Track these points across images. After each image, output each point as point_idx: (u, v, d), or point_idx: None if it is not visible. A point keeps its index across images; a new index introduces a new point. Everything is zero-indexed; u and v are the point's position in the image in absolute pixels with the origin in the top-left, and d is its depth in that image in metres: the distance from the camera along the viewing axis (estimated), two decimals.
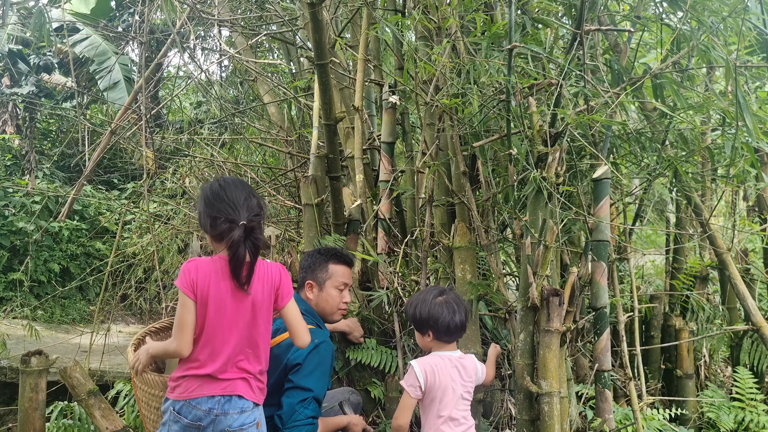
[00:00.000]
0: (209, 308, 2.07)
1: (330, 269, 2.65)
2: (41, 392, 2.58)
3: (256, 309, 2.12)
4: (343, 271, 2.67)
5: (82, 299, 8.66)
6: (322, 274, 2.65)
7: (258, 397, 2.17)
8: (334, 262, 2.66)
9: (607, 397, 2.71)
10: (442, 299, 2.34)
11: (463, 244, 2.73)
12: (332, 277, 2.65)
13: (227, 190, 2.10)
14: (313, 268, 2.67)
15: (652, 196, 3.56)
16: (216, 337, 2.08)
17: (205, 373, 2.07)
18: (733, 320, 4.01)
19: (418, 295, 2.43)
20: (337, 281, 2.64)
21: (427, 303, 2.34)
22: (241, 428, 2.11)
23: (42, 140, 10.97)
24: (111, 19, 10.23)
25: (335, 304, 2.66)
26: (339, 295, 2.66)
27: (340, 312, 2.70)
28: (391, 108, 3.49)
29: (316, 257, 2.69)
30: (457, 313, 2.31)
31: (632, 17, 2.77)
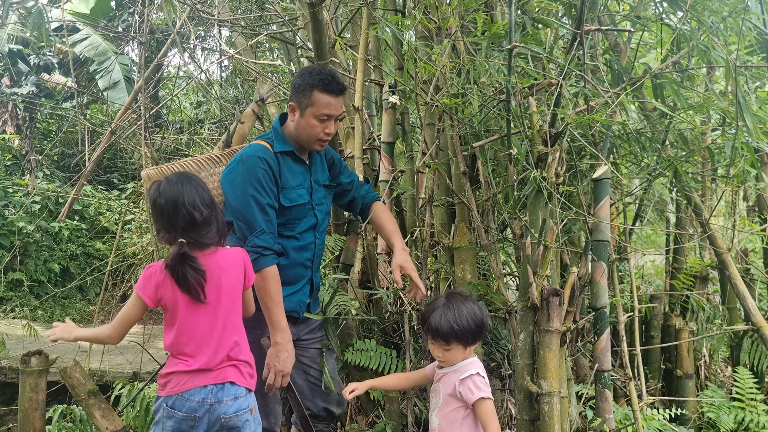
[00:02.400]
0: (180, 309, 2.10)
1: (314, 96, 2.38)
2: (41, 392, 2.58)
3: (232, 296, 2.18)
4: (328, 102, 2.38)
5: (82, 299, 8.66)
6: (305, 100, 2.39)
7: (250, 383, 2.21)
8: (320, 90, 2.37)
9: (607, 397, 2.71)
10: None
11: (463, 244, 2.73)
12: (314, 105, 2.38)
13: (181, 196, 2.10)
14: (298, 90, 2.42)
15: (652, 196, 3.56)
16: (197, 332, 2.11)
17: (196, 368, 2.10)
18: (733, 320, 4.01)
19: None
20: (318, 111, 2.38)
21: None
22: (236, 414, 2.14)
23: (42, 140, 10.96)
24: (111, 19, 10.22)
25: (314, 134, 2.42)
26: (320, 126, 2.41)
27: (319, 143, 2.47)
28: (391, 108, 3.49)
29: (305, 78, 2.41)
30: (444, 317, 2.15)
31: (632, 17, 2.77)
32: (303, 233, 2.52)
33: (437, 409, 2.18)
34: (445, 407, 2.16)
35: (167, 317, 2.15)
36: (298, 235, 2.51)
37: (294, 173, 2.49)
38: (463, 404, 2.12)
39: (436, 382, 2.25)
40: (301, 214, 2.50)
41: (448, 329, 2.10)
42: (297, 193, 2.47)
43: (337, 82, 2.39)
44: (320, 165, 2.63)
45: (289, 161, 2.48)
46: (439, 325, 2.11)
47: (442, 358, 2.18)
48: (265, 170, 2.36)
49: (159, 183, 2.14)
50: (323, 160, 2.66)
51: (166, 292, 2.09)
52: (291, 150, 2.47)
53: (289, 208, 2.45)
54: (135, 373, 5.44)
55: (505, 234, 3.23)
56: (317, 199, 2.57)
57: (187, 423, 2.10)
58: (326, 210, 2.64)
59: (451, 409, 2.15)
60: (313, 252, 2.58)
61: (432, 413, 2.20)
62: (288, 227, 2.49)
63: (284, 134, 2.50)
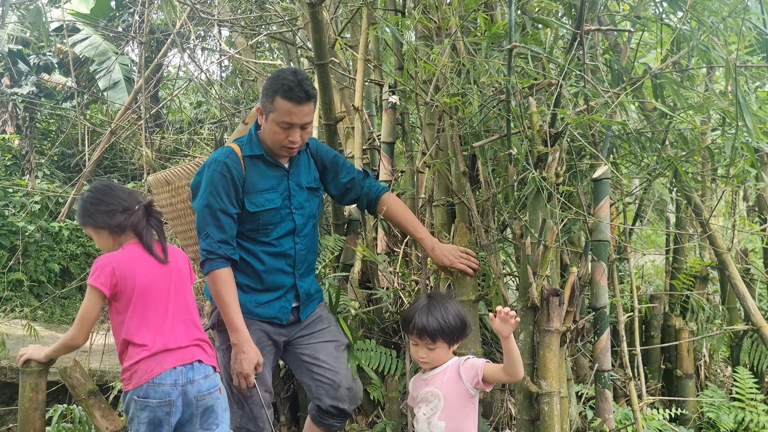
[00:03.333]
0: (135, 293, 2.16)
1: (275, 102, 2.29)
2: (41, 392, 2.58)
3: (182, 278, 2.29)
4: (288, 109, 2.28)
5: (82, 299, 8.65)
6: (269, 105, 2.32)
7: (214, 362, 2.30)
8: (282, 96, 2.27)
9: (607, 397, 2.71)
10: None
11: (463, 244, 2.73)
12: (276, 111, 2.30)
13: (111, 188, 2.26)
14: (264, 94, 2.35)
15: (652, 196, 3.56)
16: (150, 315, 2.18)
17: (157, 350, 2.14)
18: (733, 320, 4.01)
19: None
20: (279, 117, 2.30)
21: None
22: (209, 392, 2.20)
23: (42, 140, 10.96)
24: (111, 19, 10.22)
25: (277, 141, 2.35)
26: (283, 133, 2.32)
27: (286, 150, 2.38)
28: (391, 108, 3.49)
29: (270, 82, 2.33)
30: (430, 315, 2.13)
31: (632, 17, 2.77)
32: (280, 239, 2.46)
33: (439, 411, 2.13)
34: (450, 405, 2.11)
35: (118, 308, 2.18)
36: (274, 241, 2.46)
37: (265, 177, 2.43)
38: (466, 392, 2.11)
39: (424, 389, 2.17)
40: (275, 219, 2.44)
41: (435, 326, 2.09)
42: (266, 198, 2.42)
43: (301, 88, 2.26)
44: (305, 167, 2.56)
45: (260, 165, 2.43)
46: (427, 323, 2.09)
47: (426, 359, 2.15)
48: (223, 174, 2.33)
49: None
50: (310, 161, 2.59)
51: (123, 273, 2.15)
52: (260, 154, 2.42)
53: (257, 214, 2.41)
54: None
55: (505, 234, 3.23)
56: (297, 203, 2.50)
57: (163, 409, 2.11)
58: (309, 213, 2.55)
59: (458, 403, 2.11)
60: (294, 258, 2.51)
61: (432, 418, 2.13)
62: (261, 233, 2.44)
63: (258, 138, 2.45)
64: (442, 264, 2.59)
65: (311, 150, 2.61)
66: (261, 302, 2.48)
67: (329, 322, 2.67)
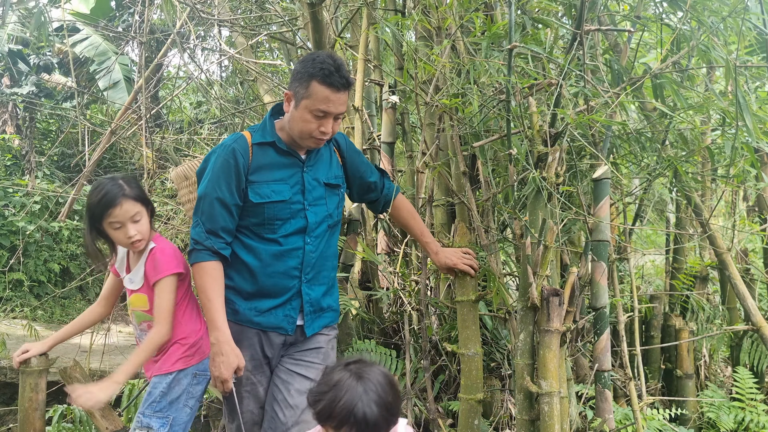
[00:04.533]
0: (188, 276, 2.35)
1: (311, 88, 2.09)
2: (41, 392, 2.58)
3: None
4: (326, 96, 2.08)
5: (82, 299, 8.67)
6: (302, 90, 2.11)
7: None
8: (319, 81, 2.07)
9: (607, 397, 2.71)
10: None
11: (463, 244, 2.73)
12: (310, 97, 2.10)
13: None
14: (296, 78, 2.14)
15: (652, 196, 3.56)
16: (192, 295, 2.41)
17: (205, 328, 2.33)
18: (733, 320, 4.01)
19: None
20: (314, 105, 2.09)
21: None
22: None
23: (42, 140, 10.96)
24: (111, 19, 10.22)
25: (307, 130, 2.14)
26: (315, 122, 2.12)
27: (314, 141, 2.19)
28: (391, 108, 3.49)
29: (305, 65, 2.12)
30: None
31: (632, 17, 2.77)
32: (288, 236, 2.23)
33: None
34: None
35: (181, 290, 2.33)
36: (281, 239, 2.22)
37: (274, 167, 2.23)
38: None
39: None
40: (283, 214, 2.22)
41: (380, 416, 1.52)
42: (272, 189, 2.20)
43: (341, 74, 2.08)
44: (325, 161, 2.35)
45: (270, 153, 2.23)
46: (370, 416, 1.50)
47: None
48: (227, 161, 2.16)
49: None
50: (333, 155, 2.39)
51: (181, 257, 2.34)
52: (271, 141, 2.23)
53: (261, 206, 2.19)
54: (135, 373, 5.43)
55: (505, 234, 3.23)
56: (312, 199, 2.27)
57: (207, 384, 2.33)
58: (327, 212, 2.32)
59: None
60: (302, 259, 2.25)
61: None
62: (267, 228, 2.22)
63: (272, 125, 2.27)
64: (445, 266, 2.57)
65: (339, 144, 2.42)
66: (262, 310, 2.25)
67: (323, 361, 2.36)
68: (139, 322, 2.39)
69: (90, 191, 2.24)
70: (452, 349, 2.73)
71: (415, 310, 3.21)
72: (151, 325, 2.32)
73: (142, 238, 2.23)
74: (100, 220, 2.21)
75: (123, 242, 2.25)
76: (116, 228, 2.21)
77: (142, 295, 2.33)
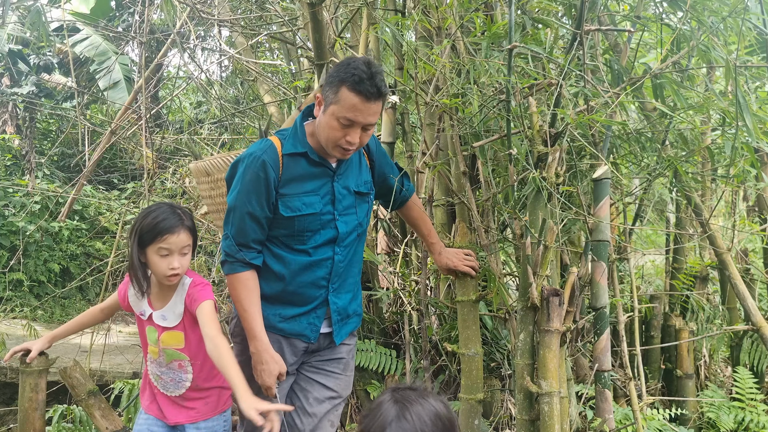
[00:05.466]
0: None
1: (340, 93, 1.99)
2: (41, 392, 2.58)
3: None
4: (353, 104, 1.97)
5: (82, 299, 8.67)
6: (331, 95, 2.02)
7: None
8: (349, 87, 1.97)
9: (607, 397, 2.71)
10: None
11: (463, 244, 2.73)
12: (338, 103, 2.00)
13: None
14: (328, 82, 2.05)
15: (652, 196, 3.56)
16: None
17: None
18: (733, 320, 4.01)
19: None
20: (340, 112, 1.99)
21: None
22: None
23: (42, 140, 10.97)
24: (111, 19, 10.22)
25: (332, 138, 2.05)
26: (340, 131, 2.02)
27: (339, 150, 2.08)
28: (391, 108, 3.49)
29: (338, 69, 2.02)
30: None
31: (632, 17, 2.77)
32: (318, 248, 2.18)
33: None
34: None
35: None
36: (311, 250, 2.17)
37: (306, 178, 2.15)
38: None
39: None
40: (314, 226, 2.15)
41: None
42: (303, 202, 2.13)
43: (373, 82, 1.96)
44: (355, 168, 2.27)
45: (302, 164, 2.14)
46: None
47: None
48: (257, 174, 2.08)
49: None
50: (362, 160, 2.31)
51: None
52: (303, 152, 2.14)
53: (292, 219, 2.12)
54: (135, 373, 5.44)
55: (505, 234, 3.23)
56: (342, 209, 2.20)
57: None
58: (357, 221, 2.26)
59: None
60: (330, 269, 2.21)
61: None
62: (297, 239, 2.16)
63: (304, 132, 2.17)
64: (446, 267, 2.58)
65: (369, 148, 2.34)
66: (286, 317, 2.21)
67: (344, 371, 2.36)
68: (169, 361, 2.23)
69: (146, 212, 2.13)
70: (452, 349, 2.73)
71: (415, 310, 3.21)
72: (183, 364, 2.23)
73: (180, 273, 2.15)
74: (149, 242, 2.10)
75: (161, 271, 2.12)
76: (163, 255, 2.10)
77: (177, 332, 2.20)
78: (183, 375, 2.25)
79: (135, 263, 2.14)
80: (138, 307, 2.27)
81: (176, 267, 2.11)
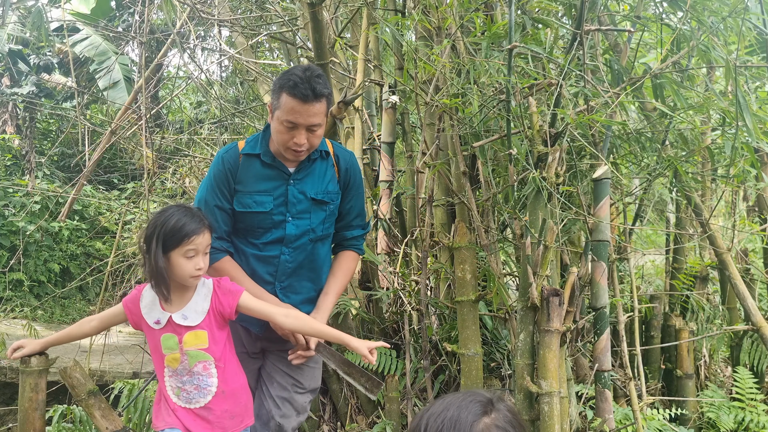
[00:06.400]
0: None
1: (281, 99, 2.12)
2: (41, 392, 2.58)
3: None
4: (291, 107, 2.10)
5: (82, 299, 8.67)
6: (275, 101, 2.16)
7: None
8: (287, 92, 2.10)
9: (607, 397, 2.71)
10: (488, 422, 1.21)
11: (463, 244, 2.73)
12: (280, 108, 2.13)
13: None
14: (274, 89, 2.19)
15: (652, 196, 3.56)
16: None
17: None
18: (733, 320, 4.01)
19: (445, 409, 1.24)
20: (282, 116, 2.13)
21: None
22: None
23: (42, 140, 10.97)
24: (111, 19, 10.22)
25: (281, 142, 2.18)
26: (287, 133, 2.14)
27: (291, 152, 2.20)
28: (391, 108, 3.50)
29: (280, 77, 2.15)
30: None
31: (632, 17, 2.77)
32: (267, 245, 2.33)
33: None
34: None
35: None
36: (261, 245, 2.33)
37: (260, 179, 2.29)
38: None
39: None
40: (265, 224, 2.30)
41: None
42: (254, 200, 2.28)
43: (309, 85, 2.08)
44: (318, 176, 2.35)
45: (256, 164, 2.29)
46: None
47: None
48: (219, 170, 2.28)
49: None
50: (329, 171, 2.38)
51: None
52: (257, 153, 2.29)
53: (244, 214, 2.29)
54: (135, 373, 5.44)
55: (505, 234, 3.23)
56: (295, 212, 2.31)
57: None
58: (309, 226, 2.34)
59: None
60: (276, 267, 2.35)
61: None
62: (252, 234, 2.34)
63: (268, 135, 2.31)
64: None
65: (339, 162, 2.41)
66: None
67: (307, 363, 2.44)
68: (192, 364, 2.15)
69: (163, 216, 2.08)
70: (452, 349, 2.73)
71: (415, 310, 3.21)
72: (207, 366, 2.17)
73: (204, 272, 2.14)
74: (174, 246, 2.06)
75: (187, 272, 2.08)
76: (189, 257, 2.07)
77: (201, 331, 2.15)
78: (208, 379, 2.16)
79: (160, 270, 2.06)
80: (151, 316, 2.16)
81: (202, 266, 2.11)
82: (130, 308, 2.20)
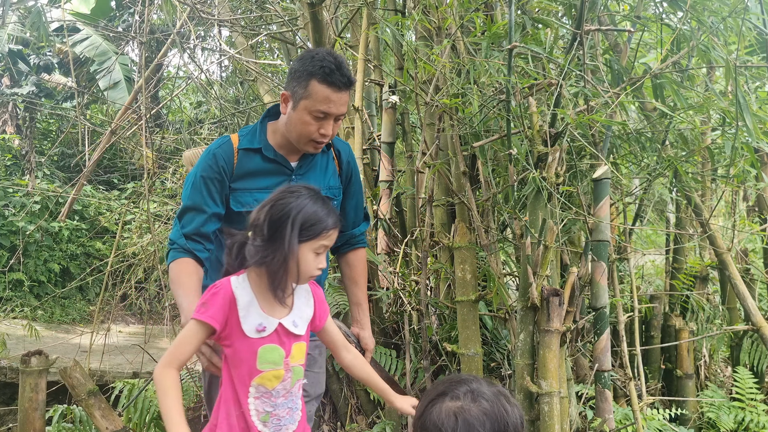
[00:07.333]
0: None
1: (310, 87, 1.97)
2: (41, 392, 2.59)
3: None
4: (326, 96, 1.97)
5: (82, 299, 8.67)
6: (300, 90, 2.00)
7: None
8: (319, 80, 1.96)
9: (607, 397, 2.71)
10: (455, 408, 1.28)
11: (463, 244, 2.73)
12: (310, 97, 1.98)
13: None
14: (294, 77, 2.02)
15: (652, 196, 3.56)
16: None
17: None
18: (733, 320, 4.01)
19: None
20: (313, 105, 1.98)
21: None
22: None
23: (42, 140, 10.97)
24: (111, 19, 10.22)
25: (306, 133, 2.03)
26: (314, 124, 2.01)
27: (313, 145, 2.06)
28: (391, 108, 3.50)
29: (304, 63, 2.00)
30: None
31: (632, 17, 2.77)
32: None
33: None
34: None
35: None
36: None
37: (260, 175, 2.13)
38: None
39: None
40: None
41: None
42: (255, 198, 2.08)
43: (342, 73, 1.97)
44: (320, 170, 2.22)
45: (256, 159, 2.13)
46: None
47: None
48: (210, 167, 2.07)
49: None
50: (330, 164, 2.26)
51: None
52: (258, 148, 2.13)
53: (242, 214, 2.04)
54: (135, 373, 5.44)
55: (505, 234, 3.23)
56: None
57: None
58: None
59: None
60: None
61: None
62: None
63: (265, 129, 2.17)
64: (366, 346, 2.36)
65: (341, 155, 2.28)
66: None
67: (310, 368, 2.19)
68: (294, 383, 1.75)
69: (297, 200, 1.67)
70: (452, 349, 2.73)
71: (415, 310, 3.21)
72: (302, 386, 1.81)
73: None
74: (310, 238, 1.65)
75: (310, 271, 1.68)
76: (319, 253, 1.69)
77: (303, 343, 1.77)
78: (299, 402, 1.79)
79: (293, 262, 1.64)
80: (249, 321, 1.66)
81: (323, 266, 1.73)
82: (226, 314, 1.66)
